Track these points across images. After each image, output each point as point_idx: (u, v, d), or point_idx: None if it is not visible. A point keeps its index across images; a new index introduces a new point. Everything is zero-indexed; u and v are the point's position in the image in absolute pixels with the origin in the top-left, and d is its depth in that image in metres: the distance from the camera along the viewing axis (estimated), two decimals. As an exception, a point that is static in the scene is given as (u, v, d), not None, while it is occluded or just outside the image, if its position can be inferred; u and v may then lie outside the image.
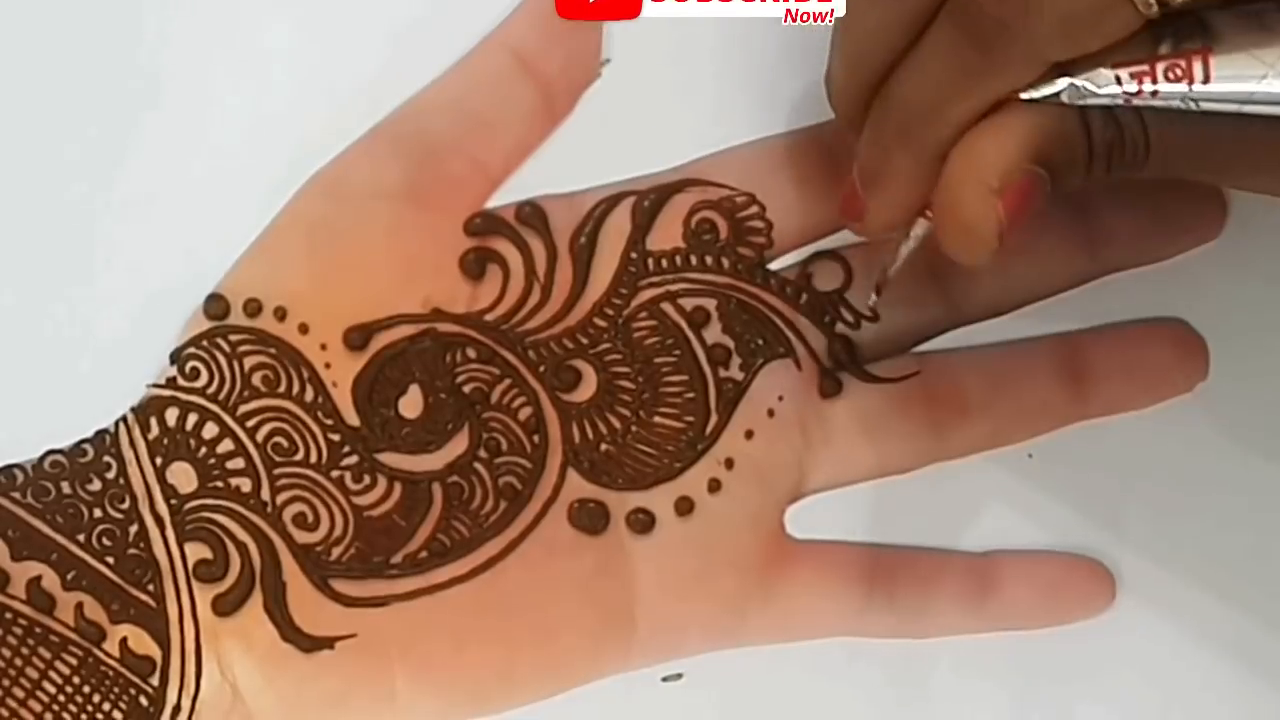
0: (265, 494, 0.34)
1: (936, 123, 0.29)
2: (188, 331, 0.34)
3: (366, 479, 0.34)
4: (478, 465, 0.35)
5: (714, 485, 0.35)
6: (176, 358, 0.34)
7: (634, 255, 0.36)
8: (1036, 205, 0.29)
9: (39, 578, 0.33)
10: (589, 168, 0.36)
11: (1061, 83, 0.27)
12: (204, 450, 0.34)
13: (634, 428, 0.35)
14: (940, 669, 0.36)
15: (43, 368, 0.35)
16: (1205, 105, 0.27)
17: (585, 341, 0.35)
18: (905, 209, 0.31)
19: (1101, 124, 0.28)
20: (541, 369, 0.35)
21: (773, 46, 0.36)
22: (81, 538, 0.33)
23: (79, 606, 0.33)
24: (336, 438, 0.34)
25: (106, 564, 0.33)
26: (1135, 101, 0.27)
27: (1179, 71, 0.26)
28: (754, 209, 0.36)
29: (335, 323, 0.34)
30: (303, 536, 0.34)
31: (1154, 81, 0.27)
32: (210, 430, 0.34)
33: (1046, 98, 0.28)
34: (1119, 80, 0.27)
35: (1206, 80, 0.26)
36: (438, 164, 0.35)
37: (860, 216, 0.31)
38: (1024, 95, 0.28)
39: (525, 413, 0.35)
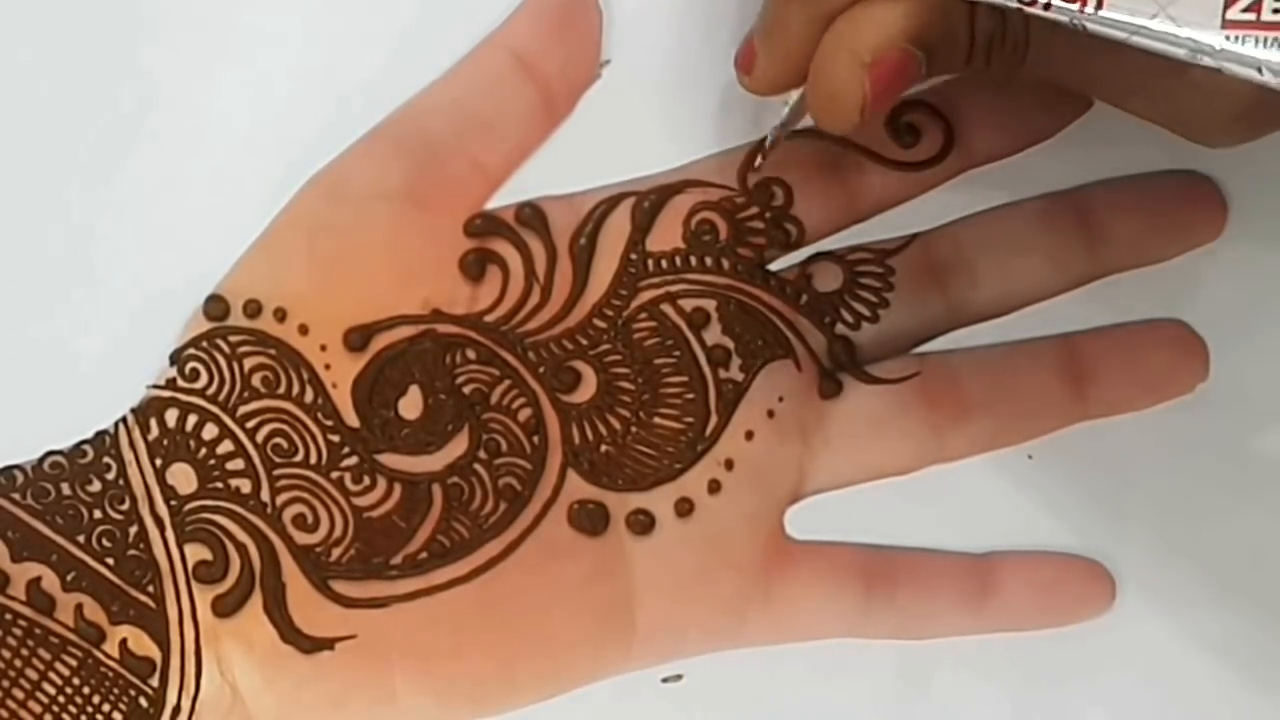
0: (265, 495, 0.34)
1: None
2: (187, 332, 0.34)
3: (366, 480, 0.34)
4: (477, 466, 0.35)
5: (714, 486, 0.35)
6: (176, 358, 0.34)
7: (634, 256, 0.36)
8: (907, 84, 0.29)
9: (39, 579, 0.33)
10: (589, 168, 0.36)
11: None
12: (204, 451, 0.34)
13: (634, 429, 0.35)
14: (940, 670, 0.36)
15: (43, 368, 0.35)
16: (1092, 28, 0.27)
17: (585, 342, 0.35)
18: (792, 66, 0.31)
19: (985, 16, 0.29)
20: (541, 370, 0.35)
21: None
22: (81, 539, 0.33)
23: (79, 607, 0.33)
24: (336, 439, 0.34)
25: (106, 565, 0.33)
26: (1028, 10, 0.27)
27: None
28: (753, 210, 0.36)
29: (335, 324, 0.34)
30: (302, 538, 0.34)
31: None
32: (210, 431, 0.34)
33: None
34: None
35: (1100, 7, 0.26)
36: (438, 165, 0.35)
37: (750, 70, 0.32)
38: None
39: (525, 414, 0.35)
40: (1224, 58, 0.26)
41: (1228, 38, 0.26)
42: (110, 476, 0.34)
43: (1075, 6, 0.27)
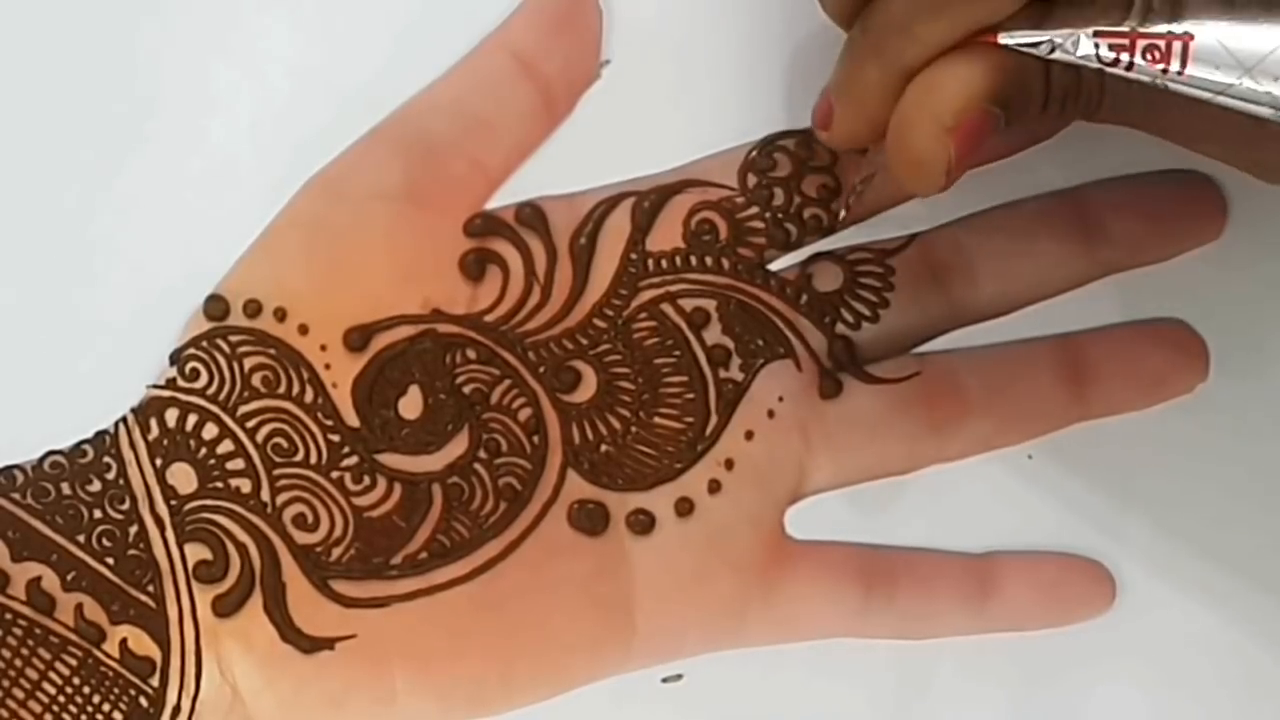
0: (265, 495, 0.34)
1: (909, 41, 0.29)
2: (188, 332, 0.35)
3: (366, 480, 0.34)
4: (477, 466, 0.35)
5: (714, 486, 0.35)
6: (176, 358, 0.34)
7: (634, 256, 0.36)
8: (987, 141, 0.29)
9: (39, 578, 0.33)
10: (589, 168, 0.36)
11: (1041, 38, 0.28)
12: (204, 451, 0.34)
13: (634, 429, 0.35)
14: (940, 670, 0.36)
15: (43, 368, 0.35)
16: (1175, 88, 0.27)
17: (585, 342, 0.35)
18: (869, 122, 0.30)
19: (1061, 70, 0.29)
20: (541, 370, 0.35)
21: (773, 47, 0.36)
22: (81, 538, 0.33)
23: (79, 607, 0.33)
24: (336, 438, 0.34)
25: (106, 565, 0.33)
26: (1109, 70, 0.27)
27: (1157, 54, 0.27)
28: (753, 210, 0.36)
29: (335, 323, 0.34)
30: (302, 537, 0.34)
31: (1131, 56, 0.27)
32: (210, 431, 0.34)
33: (1023, 47, 0.28)
34: (1097, 48, 0.27)
35: (1183, 69, 0.26)
36: (438, 165, 0.35)
37: (828, 125, 0.32)
38: (1003, 40, 0.28)
39: (525, 414, 0.35)
40: None
41: None
42: (110, 476, 0.34)
43: (1159, 68, 0.27)
